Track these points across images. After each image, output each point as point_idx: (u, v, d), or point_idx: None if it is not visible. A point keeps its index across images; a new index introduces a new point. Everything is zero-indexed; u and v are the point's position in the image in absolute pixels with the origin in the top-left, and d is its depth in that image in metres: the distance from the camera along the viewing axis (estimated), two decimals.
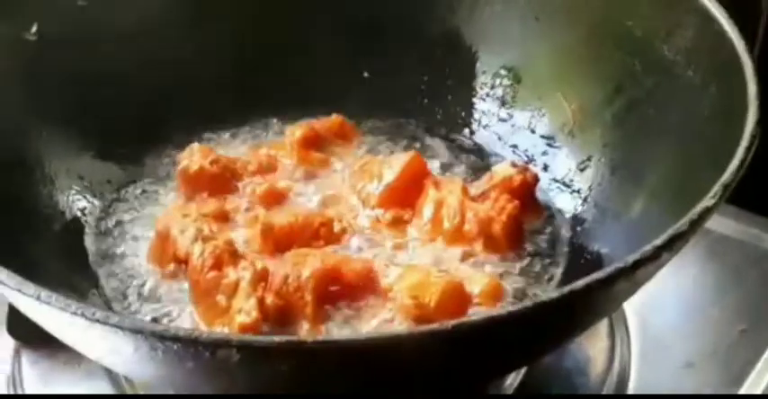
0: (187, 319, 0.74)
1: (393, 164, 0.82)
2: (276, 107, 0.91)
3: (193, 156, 0.83)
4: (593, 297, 0.58)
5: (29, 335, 0.79)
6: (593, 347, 0.80)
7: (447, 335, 0.54)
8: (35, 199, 0.79)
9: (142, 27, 0.87)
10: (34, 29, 0.82)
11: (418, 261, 0.77)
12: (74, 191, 0.82)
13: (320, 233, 0.78)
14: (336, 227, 0.79)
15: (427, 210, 0.79)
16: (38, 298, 0.57)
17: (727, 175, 0.63)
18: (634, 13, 0.81)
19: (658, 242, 0.59)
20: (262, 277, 0.71)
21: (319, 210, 0.81)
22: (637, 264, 0.58)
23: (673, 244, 0.59)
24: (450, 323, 0.54)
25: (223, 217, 0.80)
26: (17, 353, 0.81)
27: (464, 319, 0.55)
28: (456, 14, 0.90)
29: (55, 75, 0.83)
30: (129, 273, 0.78)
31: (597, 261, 0.77)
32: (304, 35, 0.91)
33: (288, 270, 0.72)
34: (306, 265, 0.72)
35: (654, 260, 0.58)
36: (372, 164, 0.84)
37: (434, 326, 0.55)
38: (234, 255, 0.73)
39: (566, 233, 0.81)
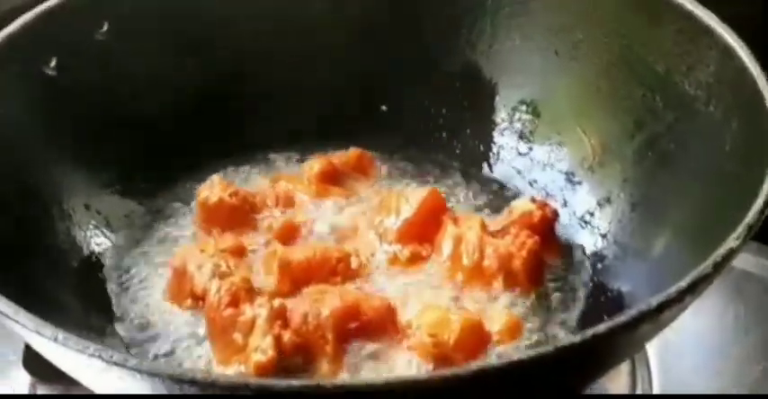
0: (204, 357, 0.73)
1: (411, 199, 0.81)
2: (294, 140, 0.90)
3: (213, 188, 0.83)
4: (616, 341, 0.57)
5: (45, 371, 0.78)
6: (613, 385, 0.79)
7: (468, 379, 0.54)
8: (53, 234, 0.79)
9: (161, 61, 0.87)
10: (53, 63, 0.82)
11: (437, 298, 0.76)
12: (92, 227, 0.82)
13: (338, 269, 0.78)
14: (354, 263, 0.79)
15: (446, 246, 0.79)
16: (55, 340, 0.57)
17: (751, 216, 0.62)
18: (655, 47, 0.80)
19: (683, 284, 0.58)
20: (279, 314, 0.71)
21: (337, 245, 0.81)
22: (661, 307, 0.57)
23: (696, 287, 0.58)
24: (472, 367, 0.54)
25: (240, 253, 0.79)
26: (33, 389, 0.80)
27: (485, 364, 0.54)
28: (475, 48, 0.90)
29: (73, 110, 0.82)
30: (146, 309, 0.78)
31: (618, 300, 0.76)
32: (321, 68, 0.91)
33: (307, 308, 0.71)
34: (325, 303, 0.71)
35: (678, 302, 0.58)
36: (390, 198, 0.83)
37: (456, 370, 0.54)
38: (250, 292, 0.73)
39: (585, 270, 0.80)
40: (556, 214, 0.82)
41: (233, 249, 0.79)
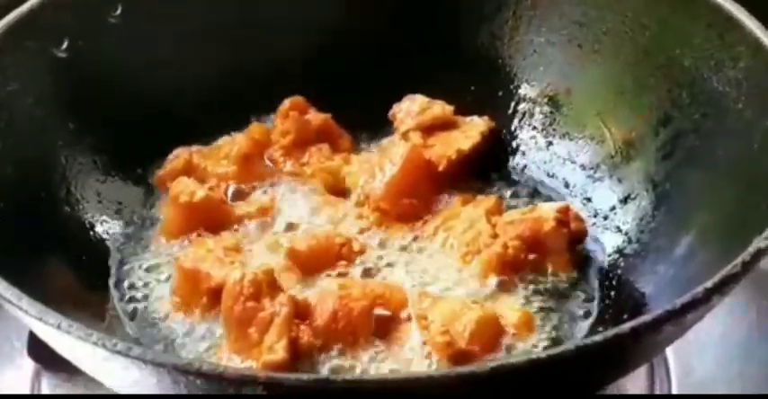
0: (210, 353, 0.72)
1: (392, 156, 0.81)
2: None
3: (183, 189, 0.80)
4: (638, 342, 0.55)
5: (50, 358, 0.76)
6: (631, 387, 0.77)
7: (485, 377, 0.52)
8: (60, 220, 0.77)
9: (173, 44, 0.86)
10: (65, 45, 0.81)
11: (451, 290, 0.75)
12: (99, 213, 0.81)
13: (341, 253, 0.77)
14: (356, 246, 0.78)
15: (460, 232, 0.77)
16: (58, 327, 0.55)
17: None
18: (682, 41, 0.78)
19: (709, 284, 0.56)
20: (297, 314, 0.69)
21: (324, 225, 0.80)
22: (686, 307, 0.55)
23: (724, 287, 0.57)
24: (489, 365, 0.52)
25: (239, 249, 0.77)
26: (37, 376, 0.79)
27: (503, 362, 0.53)
28: (496, 40, 0.88)
29: (83, 92, 0.81)
30: (148, 296, 0.76)
31: (637, 299, 0.74)
32: (342, 56, 0.89)
33: (335, 306, 0.70)
34: (352, 299, 0.70)
35: (704, 302, 0.56)
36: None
37: (472, 368, 0.53)
38: (272, 286, 0.70)
39: (605, 267, 0.78)
40: (582, 232, 0.78)
41: (233, 246, 0.77)
